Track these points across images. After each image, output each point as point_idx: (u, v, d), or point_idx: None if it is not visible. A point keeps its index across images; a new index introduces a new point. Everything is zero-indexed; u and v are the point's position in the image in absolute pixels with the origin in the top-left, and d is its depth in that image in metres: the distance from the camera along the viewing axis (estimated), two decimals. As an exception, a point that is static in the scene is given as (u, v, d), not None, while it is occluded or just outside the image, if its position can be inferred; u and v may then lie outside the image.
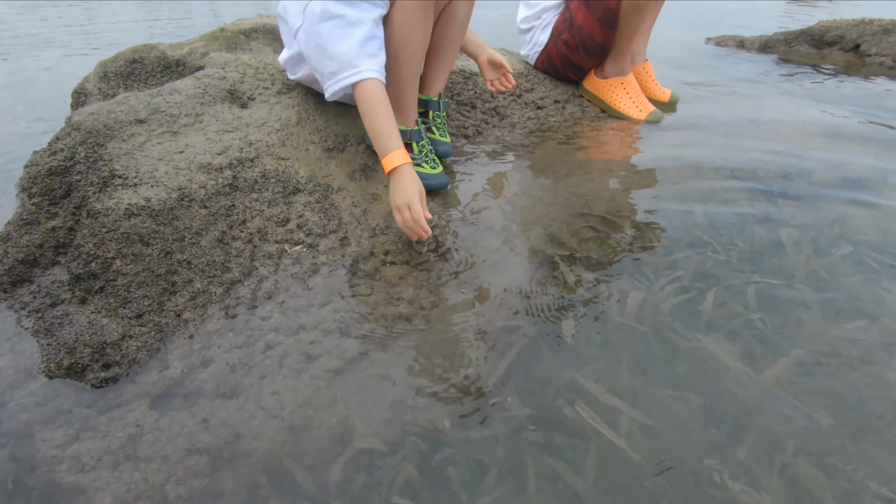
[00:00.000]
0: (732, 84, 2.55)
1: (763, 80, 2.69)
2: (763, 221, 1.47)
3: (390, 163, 1.14)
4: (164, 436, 0.80)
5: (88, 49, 3.61)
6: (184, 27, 4.34)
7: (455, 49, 1.43)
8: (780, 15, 5.14)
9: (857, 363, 1.03)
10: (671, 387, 0.97)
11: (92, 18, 4.79)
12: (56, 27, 4.30)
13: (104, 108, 1.16)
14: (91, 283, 0.92)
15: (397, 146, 1.15)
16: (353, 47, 1.13)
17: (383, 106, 1.15)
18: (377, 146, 1.17)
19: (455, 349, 1.04)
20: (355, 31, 1.13)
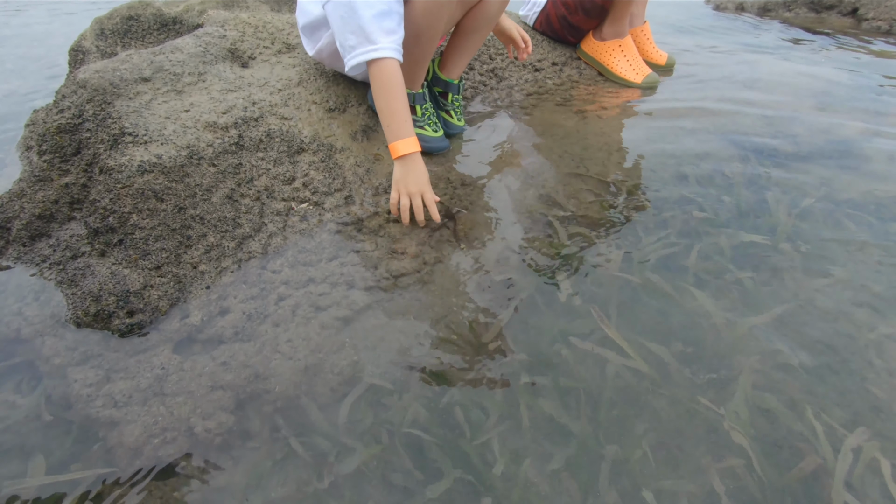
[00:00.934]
0: (729, 47, 2.55)
1: (760, 44, 2.69)
2: (751, 182, 1.52)
3: (403, 148, 1.14)
4: (187, 376, 0.86)
5: (74, 7, 3.51)
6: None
7: (482, 38, 1.44)
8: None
9: (830, 314, 1.11)
10: (656, 335, 1.05)
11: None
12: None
13: (109, 65, 1.17)
14: (110, 237, 0.96)
15: (409, 133, 1.15)
16: (370, 21, 1.10)
17: (399, 89, 1.14)
18: (388, 128, 1.15)
19: (456, 301, 1.10)
20: (375, 4, 1.10)
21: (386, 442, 0.85)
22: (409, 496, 0.78)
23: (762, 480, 0.81)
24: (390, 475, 0.80)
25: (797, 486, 0.81)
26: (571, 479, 0.81)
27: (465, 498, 0.79)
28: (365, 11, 1.09)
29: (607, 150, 1.64)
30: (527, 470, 0.82)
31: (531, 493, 0.80)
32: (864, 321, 1.10)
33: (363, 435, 0.86)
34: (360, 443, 0.84)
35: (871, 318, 1.11)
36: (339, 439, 0.84)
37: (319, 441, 0.85)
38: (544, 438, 0.88)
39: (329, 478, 0.79)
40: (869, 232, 1.35)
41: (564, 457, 0.84)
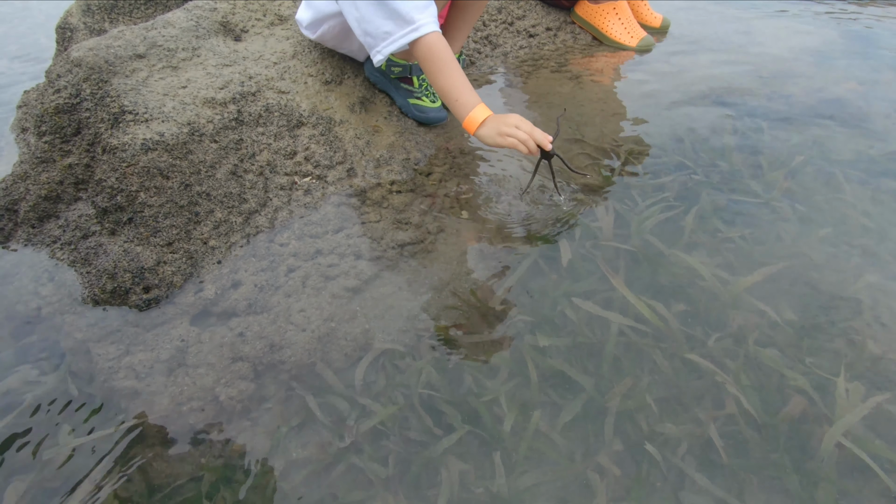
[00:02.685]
0: (724, 7, 2.53)
1: (754, 5, 2.66)
2: (745, 143, 1.54)
3: (480, 115, 1.11)
4: (206, 347, 0.89)
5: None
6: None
7: (478, 9, 1.42)
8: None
9: (822, 268, 1.15)
10: (656, 294, 1.09)
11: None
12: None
13: (102, 42, 1.15)
14: (119, 216, 0.97)
15: (477, 100, 1.12)
16: (403, 3, 1.07)
17: (451, 59, 1.10)
18: (457, 102, 1.12)
19: (461, 268, 1.13)
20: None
21: (401, 402, 0.89)
22: (425, 447, 0.82)
23: (756, 424, 0.86)
24: (407, 432, 0.85)
25: (787, 427, 0.86)
26: (579, 429, 0.86)
27: (477, 450, 0.84)
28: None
29: (603, 115, 1.65)
30: (536, 423, 0.86)
31: (540, 443, 0.84)
32: (852, 273, 1.14)
33: (379, 396, 0.90)
34: (378, 403, 0.88)
35: (859, 269, 1.15)
36: (356, 401, 0.88)
37: (338, 402, 0.88)
38: (553, 391, 0.92)
39: (350, 437, 0.83)
40: (860, 189, 1.38)
41: (573, 409, 0.89)
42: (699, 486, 0.80)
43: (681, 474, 0.81)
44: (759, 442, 0.85)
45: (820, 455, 0.82)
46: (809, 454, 0.83)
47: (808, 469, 0.82)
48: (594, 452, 0.83)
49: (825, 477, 0.80)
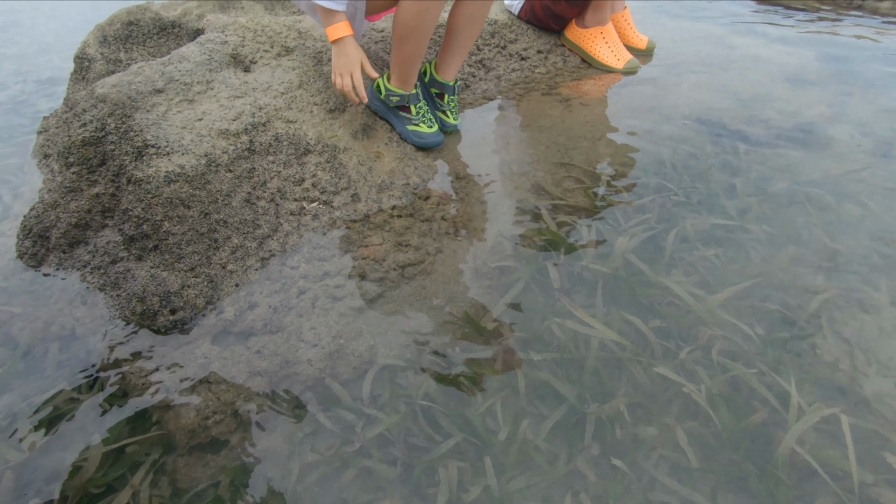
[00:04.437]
0: (707, 26, 2.64)
1: (737, 22, 2.78)
2: (723, 166, 1.65)
3: (335, 33, 1.32)
4: (227, 364, 0.99)
5: (56, 3, 3.46)
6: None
7: (470, 37, 1.51)
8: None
9: (788, 286, 1.26)
10: (636, 310, 1.19)
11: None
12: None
13: (124, 79, 1.24)
14: (145, 243, 1.07)
15: (341, 18, 1.32)
16: None
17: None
18: (323, 17, 1.32)
19: (458, 287, 1.23)
20: None
21: (403, 411, 0.99)
22: (426, 452, 0.92)
23: (722, 431, 0.97)
24: (409, 439, 0.94)
25: (750, 434, 0.97)
26: (562, 436, 0.96)
27: (472, 455, 0.94)
28: None
29: (591, 139, 1.75)
30: (524, 430, 0.96)
31: (528, 448, 0.94)
32: (815, 291, 1.25)
33: (383, 406, 1.00)
34: (382, 413, 0.98)
35: (823, 287, 1.26)
36: (363, 410, 0.98)
37: (345, 413, 0.98)
38: (539, 402, 1.02)
39: (358, 443, 0.92)
40: (825, 212, 1.49)
41: (556, 417, 0.99)
42: (669, 488, 0.90)
43: (652, 478, 0.91)
44: (724, 447, 0.95)
45: (775, 460, 0.92)
46: (769, 459, 0.93)
47: (768, 473, 0.92)
48: (575, 457, 0.93)
49: (783, 481, 0.90)
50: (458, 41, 1.51)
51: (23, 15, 3.08)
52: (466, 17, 1.45)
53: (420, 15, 1.30)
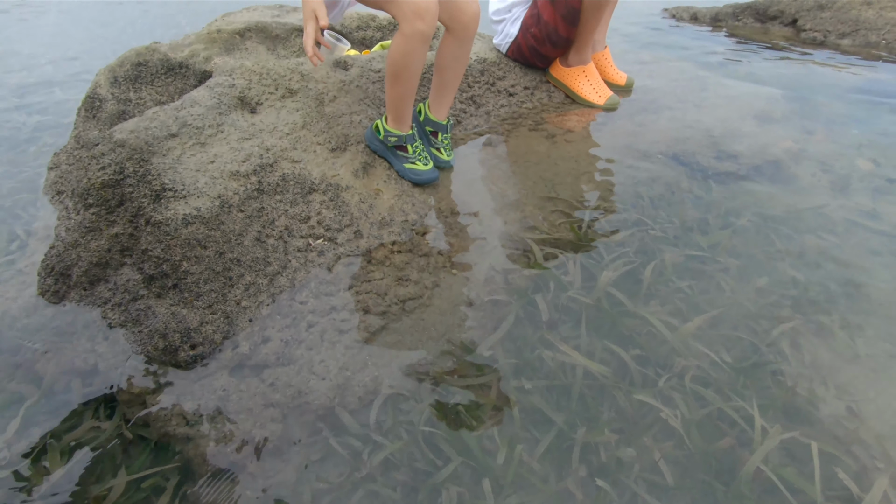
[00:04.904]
0: (682, 64, 2.81)
1: (710, 59, 2.96)
2: (696, 200, 1.78)
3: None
4: (244, 396, 1.07)
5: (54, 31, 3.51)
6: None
7: (455, 76, 1.62)
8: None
9: (756, 316, 1.38)
10: (616, 340, 1.30)
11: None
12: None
13: (140, 124, 1.33)
14: (164, 282, 1.14)
15: None
16: None
17: None
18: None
19: (455, 319, 1.32)
20: None
21: (406, 438, 1.08)
22: (428, 476, 1.01)
23: (695, 452, 1.07)
24: (413, 463, 1.03)
25: (721, 455, 1.07)
26: (553, 458, 1.05)
27: (470, 478, 1.03)
28: None
29: (575, 174, 1.87)
30: (519, 453, 1.06)
31: (523, 470, 1.04)
32: (780, 320, 1.37)
33: (388, 433, 1.09)
34: (387, 439, 1.06)
35: (786, 316, 1.38)
36: (369, 437, 1.06)
37: (353, 441, 1.06)
38: (532, 427, 1.12)
39: (365, 468, 1.01)
40: (789, 243, 1.63)
41: (547, 441, 1.08)
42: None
43: (633, 495, 1.01)
44: (697, 468, 1.05)
45: (741, 479, 1.03)
46: (736, 478, 1.04)
47: (734, 491, 1.03)
48: (564, 478, 1.03)
49: (748, 497, 1.01)
50: (444, 80, 1.62)
51: (21, 45, 3.13)
52: (450, 58, 1.57)
53: (406, 56, 1.41)
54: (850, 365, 1.30)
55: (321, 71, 1.75)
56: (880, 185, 1.92)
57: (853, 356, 1.32)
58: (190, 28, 3.65)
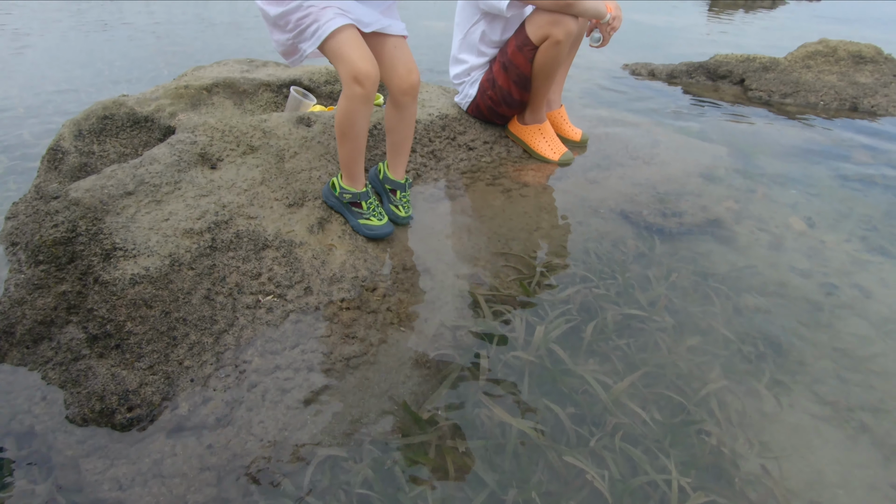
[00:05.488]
0: (638, 119, 2.98)
1: (665, 116, 3.14)
2: (640, 258, 1.88)
3: None
4: (179, 459, 1.08)
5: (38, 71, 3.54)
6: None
7: (403, 137, 1.71)
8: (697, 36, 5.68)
9: (687, 375, 1.45)
10: (554, 400, 1.35)
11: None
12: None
13: (97, 183, 1.37)
14: (107, 342, 1.16)
15: None
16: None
17: None
18: None
19: (399, 377, 1.36)
20: None
21: (343, 500, 1.10)
22: (358, 546, 1.03)
23: (619, 515, 1.11)
24: (344, 530, 1.05)
25: (643, 518, 1.11)
26: (481, 523, 1.08)
27: (402, 544, 1.05)
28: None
29: (528, 229, 1.96)
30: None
31: (451, 536, 1.06)
32: (710, 379, 1.44)
33: (324, 494, 1.10)
34: (321, 502, 1.08)
35: (717, 375, 1.45)
36: (304, 500, 1.08)
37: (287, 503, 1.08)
38: (467, 486, 1.15)
39: (296, 535, 1.02)
40: (726, 301, 1.72)
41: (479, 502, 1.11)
42: (571, 569, 1.03)
43: (557, 560, 1.04)
44: (620, 530, 1.09)
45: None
46: (656, 539, 1.08)
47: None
48: (492, 543, 1.05)
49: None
50: (394, 142, 1.72)
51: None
52: (394, 121, 1.67)
53: (349, 116, 1.50)
54: (774, 424, 1.37)
55: (284, 127, 1.82)
56: (813, 245, 2.05)
57: (777, 415, 1.39)
58: (168, 72, 3.72)
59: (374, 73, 1.39)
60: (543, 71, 2.02)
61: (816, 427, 1.36)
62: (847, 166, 2.61)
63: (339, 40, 1.38)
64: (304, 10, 1.37)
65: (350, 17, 1.40)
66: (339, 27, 1.37)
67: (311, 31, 1.38)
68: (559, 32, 1.88)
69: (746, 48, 4.55)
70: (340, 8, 1.39)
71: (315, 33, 1.37)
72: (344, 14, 1.39)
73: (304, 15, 1.38)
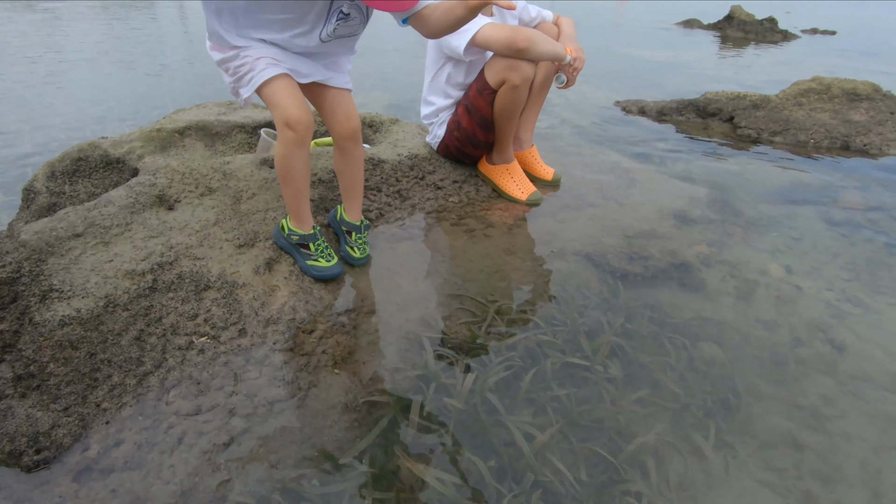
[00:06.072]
0: (619, 158, 2.96)
1: (649, 154, 3.11)
2: (601, 303, 1.83)
3: None
4: (82, 502, 1.09)
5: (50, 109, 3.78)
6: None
7: (353, 180, 1.76)
8: (702, 71, 5.65)
9: (625, 432, 1.39)
10: (480, 452, 1.31)
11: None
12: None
13: (48, 225, 1.44)
14: (30, 382, 1.20)
15: None
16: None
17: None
18: None
19: (325, 423, 1.35)
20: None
21: (238, 554, 1.08)
22: None
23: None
24: (233, 586, 1.03)
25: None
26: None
27: None
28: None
29: (488, 271, 1.94)
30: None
31: None
32: (652, 436, 1.37)
33: (222, 548, 1.09)
34: (215, 557, 1.06)
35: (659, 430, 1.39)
36: (199, 554, 1.07)
37: (184, 555, 1.07)
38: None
39: (182, 590, 1.01)
40: (682, 352, 1.65)
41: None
42: None
43: None
44: None
45: None
46: None
47: None
48: None
49: None
50: (345, 184, 1.76)
51: (7, 118, 3.38)
52: (341, 164, 1.72)
53: (286, 159, 1.53)
54: (715, 489, 1.29)
55: (246, 169, 1.88)
56: (786, 293, 1.96)
57: (720, 479, 1.32)
58: (176, 108, 3.93)
59: (306, 118, 1.44)
60: (504, 114, 2.04)
61: (761, 495, 1.28)
62: (834, 209, 2.52)
63: (272, 88, 1.44)
64: (240, 58, 1.45)
65: (284, 67, 1.46)
66: (272, 77, 1.43)
67: (246, 78, 1.45)
68: (515, 77, 1.91)
69: (750, 84, 4.51)
70: (275, 58, 1.46)
71: (250, 81, 1.44)
72: (277, 64, 1.46)
73: (240, 63, 1.45)
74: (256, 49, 1.48)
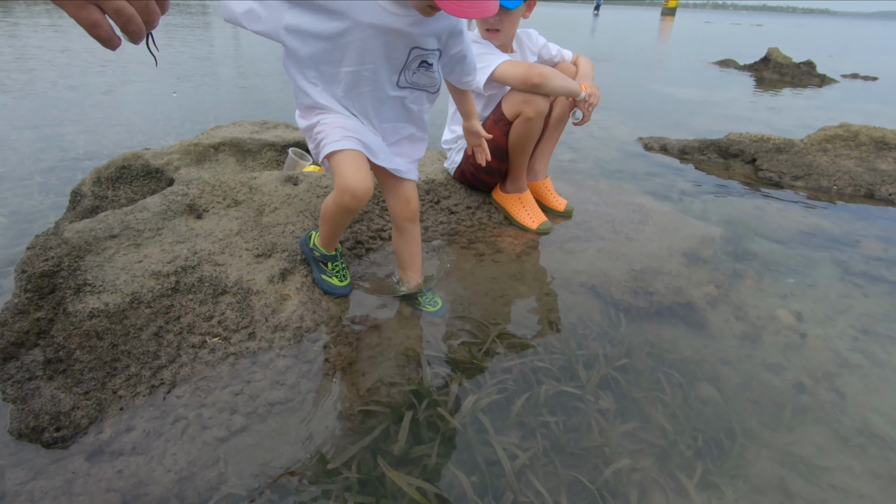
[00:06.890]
0: (635, 194, 2.99)
1: (666, 192, 3.13)
2: (602, 335, 1.86)
3: None
4: (90, 480, 1.19)
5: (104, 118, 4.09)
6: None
7: (411, 252, 1.83)
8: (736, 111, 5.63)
9: (609, 463, 1.41)
10: (463, 467, 1.35)
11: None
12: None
13: (88, 225, 1.59)
14: (58, 366, 1.32)
15: None
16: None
17: None
18: None
19: (320, 426, 1.42)
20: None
21: (226, 544, 1.15)
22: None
23: None
24: (217, 572, 1.10)
25: None
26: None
27: None
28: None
29: (492, 295, 2.00)
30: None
31: None
32: (635, 469, 1.39)
33: (214, 535, 1.16)
34: (204, 543, 1.14)
35: (643, 466, 1.40)
36: (190, 539, 1.14)
37: (176, 539, 1.15)
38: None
39: (171, 570, 1.08)
40: (678, 390, 1.66)
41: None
42: None
43: None
44: None
45: None
46: None
47: None
48: None
49: None
50: (403, 260, 1.84)
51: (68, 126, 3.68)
52: (400, 242, 1.80)
53: (335, 214, 1.59)
54: (696, 528, 1.29)
55: (271, 185, 2.02)
56: (793, 341, 1.94)
57: (703, 518, 1.32)
58: (217, 124, 4.20)
59: (364, 192, 1.47)
60: (518, 144, 2.13)
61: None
62: (853, 258, 2.48)
63: (338, 157, 1.47)
64: (320, 125, 1.51)
65: (357, 141, 1.50)
66: (341, 149, 1.47)
67: (322, 144, 1.50)
68: (530, 110, 2.00)
69: (779, 128, 4.48)
70: (350, 129, 1.50)
71: (323, 148, 1.49)
72: (350, 137, 1.49)
73: (319, 130, 1.51)
74: (336, 117, 1.52)
